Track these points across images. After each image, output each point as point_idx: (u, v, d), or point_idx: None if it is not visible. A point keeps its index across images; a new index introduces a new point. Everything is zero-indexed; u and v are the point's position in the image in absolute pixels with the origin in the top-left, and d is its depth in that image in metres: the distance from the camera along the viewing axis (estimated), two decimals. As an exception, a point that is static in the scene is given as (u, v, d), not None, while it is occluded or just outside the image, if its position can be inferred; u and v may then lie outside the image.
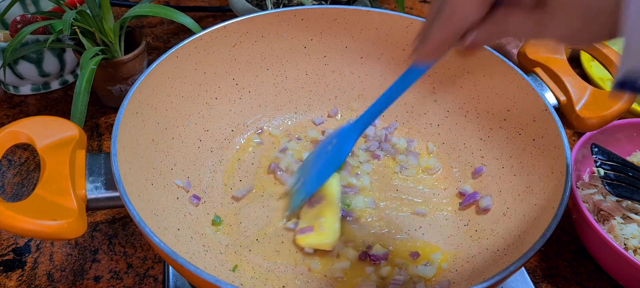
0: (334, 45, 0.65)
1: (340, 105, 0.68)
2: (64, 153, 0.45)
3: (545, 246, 0.59)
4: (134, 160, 0.48)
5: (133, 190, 0.44)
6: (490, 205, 0.55)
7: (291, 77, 0.66)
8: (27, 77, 0.75)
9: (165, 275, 0.53)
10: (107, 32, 0.66)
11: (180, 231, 0.50)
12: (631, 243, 0.53)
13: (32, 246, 0.57)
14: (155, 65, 0.54)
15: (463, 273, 0.50)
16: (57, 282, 0.54)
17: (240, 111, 0.64)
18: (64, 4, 0.67)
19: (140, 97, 0.52)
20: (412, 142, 0.64)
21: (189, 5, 0.99)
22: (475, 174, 0.59)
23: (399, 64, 0.65)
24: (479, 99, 0.61)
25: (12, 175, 0.65)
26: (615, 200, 0.57)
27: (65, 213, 0.41)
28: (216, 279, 0.37)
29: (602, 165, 0.56)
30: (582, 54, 0.80)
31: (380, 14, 0.62)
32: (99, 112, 0.75)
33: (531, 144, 0.54)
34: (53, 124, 0.47)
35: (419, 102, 0.65)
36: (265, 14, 0.61)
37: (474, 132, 0.61)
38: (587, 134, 0.60)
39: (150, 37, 0.91)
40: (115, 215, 0.61)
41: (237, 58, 0.62)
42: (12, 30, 0.71)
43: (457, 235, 0.55)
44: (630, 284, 0.53)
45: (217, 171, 0.60)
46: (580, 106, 0.54)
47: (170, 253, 0.38)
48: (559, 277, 0.56)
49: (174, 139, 0.57)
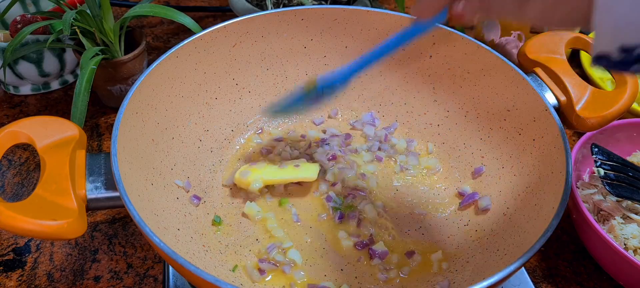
0: (334, 45, 0.65)
1: (340, 105, 0.68)
2: (64, 153, 0.45)
3: (545, 246, 0.59)
4: (134, 160, 0.48)
5: (133, 190, 0.44)
6: (489, 205, 0.55)
7: (291, 77, 0.66)
8: (27, 77, 0.75)
9: (165, 275, 0.53)
10: (107, 32, 0.66)
11: (180, 231, 0.50)
12: (631, 243, 0.53)
13: (32, 246, 0.57)
14: (155, 65, 0.54)
15: (463, 273, 0.50)
16: (57, 282, 0.54)
17: (240, 111, 0.64)
18: (64, 4, 0.67)
19: (140, 97, 0.52)
20: (412, 142, 0.64)
21: (189, 5, 0.99)
22: (475, 174, 0.59)
23: (399, 64, 0.65)
24: (479, 99, 0.61)
25: (12, 175, 0.65)
26: (615, 200, 0.57)
27: (65, 213, 0.41)
28: (216, 279, 0.37)
29: (602, 165, 0.56)
30: (582, 54, 0.80)
31: (380, 14, 0.62)
32: (99, 112, 0.75)
33: (531, 144, 0.54)
34: (53, 124, 0.47)
35: (419, 102, 0.65)
36: (265, 14, 0.61)
37: (474, 132, 0.61)
38: (587, 134, 0.60)
39: (150, 37, 0.91)
40: (115, 215, 0.61)
41: (237, 58, 0.62)
42: (12, 30, 0.71)
43: (457, 235, 0.55)
44: (630, 284, 0.53)
45: (217, 171, 0.60)
46: (580, 106, 0.54)
47: (170, 253, 0.38)
48: (559, 277, 0.56)
49: (174, 138, 0.57)
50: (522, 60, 0.60)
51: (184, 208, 0.53)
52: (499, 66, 0.57)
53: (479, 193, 0.57)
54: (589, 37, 0.59)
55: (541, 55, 0.58)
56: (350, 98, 0.67)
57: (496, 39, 0.81)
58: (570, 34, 0.60)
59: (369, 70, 0.66)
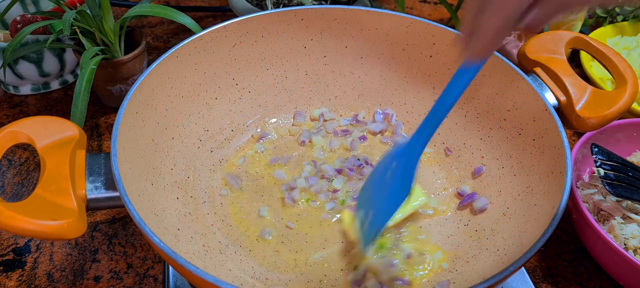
0: (334, 45, 0.65)
1: (340, 105, 0.68)
2: (64, 153, 0.45)
3: (545, 246, 0.59)
4: (134, 160, 0.48)
5: (133, 190, 0.44)
6: (486, 205, 0.55)
7: (291, 77, 0.66)
8: (27, 77, 0.75)
9: (165, 275, 0.53)
10: (107, 32, 0.66)
11: (180, 231, 0.50)
12: (631, 243, 0.54)
13: (32, 246, 0.57)
14: (155, 65, 0.54)
15: (463, 273, 0.50)
16: (57, 282, 0.54)
17: (240, 111, 0.64)
18: (64, 4, 0.67)
19: (140, 97, 0.52)
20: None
21: (189, 5, 0.99)
22: (475, 174, 0.59)
23: (399, 64, 0.65)
24: (479, 99, 0.61)
25: (12, 175, 0.65)
26: (615, 200, 0.57)
27: (65, 213, 0.41)
28: (216, 279, 0.37)
29: (602, 165, 0.56)
30: (582, 54, 0.80)
31: (380, 14, 0.62)
32: (99, 112, 0.75)
33: (531, 143, 0.54)
34: (53, 124, 0.47)
35: (419, 102, 0.65)
36: (265, 14, 0.61)
37: (474, 132, 0.61)
38: (587, 134, 0.60)
39: (150, 37, 0.91)
40: (115, 215, 0.61)
41: (237, 58, 0.62)
42: (12, 30, 0.71)
43: (457, 235, 0.55)
44: (630, 284, 0.53)
45: (217, 171, 0.60)
46: (580, 106, 0.54)
47: (170, 253, 0.38)
48: (559, 277, 0.56)
49: (174, 138, 0.57)
50: (522, 60, 0.60)
51: (184, 208, 0.53)
52: (499, 66, 0.57)
53: (479, 193, 0.57)
54: (589, 37, 0.59)
55: (541, 55, 0.58)
56: (350, 98, 0.67)
57: (496, 39, 0.81)
58: (570, 34, 0.60)
59: (369, 70, 0.66)
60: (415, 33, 0.62)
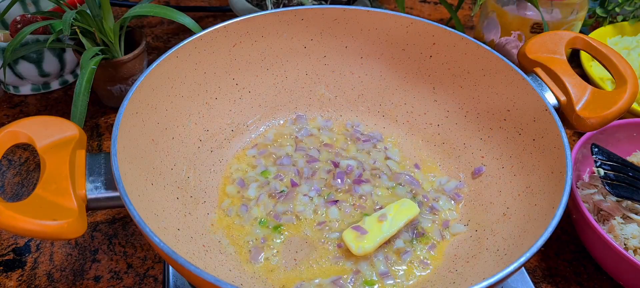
0: (334, 45, 0.65)
1: (340, 105, 0.68)
2: (64, 154, 0.45)
3: (545, 246, 0.59)
4: (134, 160, 0.48)
5: (133, 190, 0.44)
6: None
7: (291, 77, 0.66)
8: (27, 77, 0.75)
9: (165, 275, 0.53)
10: (107, 32, 0.66)
11: (180, 231, 0.50)
12: (631, 243, 0.54)
13: (32, 246, 0.57)
14: (155, 65, 0.54)
15: (463, 273, 0.50)
16: (57, 282, 0.54)
17: (240, 111, 0.64)
18: (64, 4, 0.67)
19: (140, 97, 0.52)
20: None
21: (189, 5, 0.99)
22: (475, 174, 0.59)
23: (399, 64, 0.65)
24: (479, 99, 0.61)
25: (12, 175, 0.65)
26: (615, 200, 0.57)
27: (65, 213, 0.41)
28: (216, 279, 0.37)
29: (602, 165, 0.56)
30: (582, 54, 0.80)
31: (380, 14, 0.62)
32: (99, 112, 0.75)
33: (531, 143, 0.54)
34: (53, 124, 0.47)
35: (419, 102, 0.65)
36: (265, 14, 0.61)
37: (474, 132, 0.61)
38: (587, 134, 0.60)
39: (150, 37, 0.91)
40: (115, 215, 0.61)
41: (237, 58, 0.62)
42: (12, 30, 0.71)
43: (457, 235, 0.55)
44: (630, 284, 0.53)
45: (217, 171, 0.60)
46: (580, 106, 0.54)
47: (170, 253, 0.39)
48: (559, 277, 0.56)
49: (174, 138, 0.57)
50: (522, 60, 0.60)
51: (184, 208, 0.53)
52: (499, 66, 0.57)
53: (479, 193, 0.57)
54: (589, 37, 0.59)
55: (541, 55, 0.58)
56: (350, 98, 0.67)
57: (496, 39, 0.81)
58: (570, 34, 0.60)
59: (369, 70, 0.66)
60: (415, 33, 0.62)
